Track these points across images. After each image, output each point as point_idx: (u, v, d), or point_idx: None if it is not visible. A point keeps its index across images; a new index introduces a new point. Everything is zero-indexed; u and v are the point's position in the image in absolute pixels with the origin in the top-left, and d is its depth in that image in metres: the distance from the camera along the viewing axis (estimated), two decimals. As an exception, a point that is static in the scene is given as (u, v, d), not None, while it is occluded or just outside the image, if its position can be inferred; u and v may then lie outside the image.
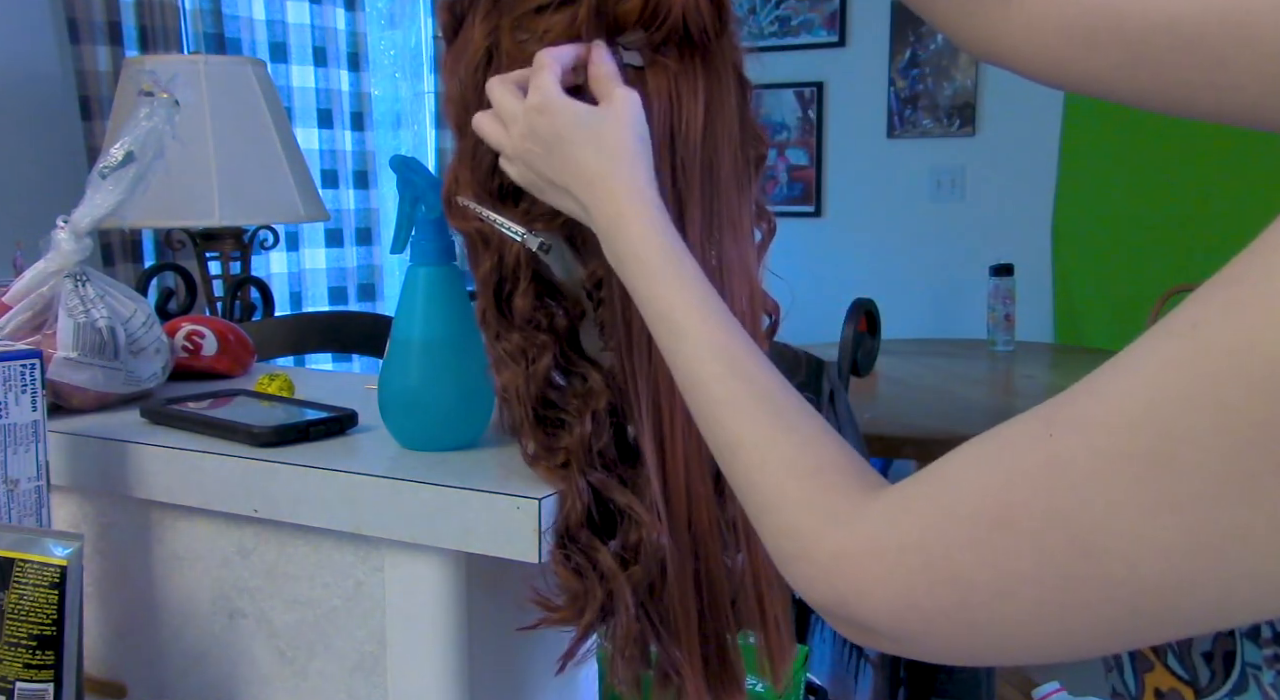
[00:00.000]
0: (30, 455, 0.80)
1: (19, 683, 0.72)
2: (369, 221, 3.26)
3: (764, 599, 0.75)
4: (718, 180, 0.69)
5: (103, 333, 0.91)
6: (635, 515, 0.70)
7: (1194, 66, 0.55)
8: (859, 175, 3.69)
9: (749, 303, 0.71)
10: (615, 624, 0.71)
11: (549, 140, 0.64)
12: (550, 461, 0.72)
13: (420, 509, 0.72)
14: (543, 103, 0.64)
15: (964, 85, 3.49)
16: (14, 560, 0.73)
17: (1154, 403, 0.38)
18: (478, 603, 0.77)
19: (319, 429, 0.83)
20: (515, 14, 0.69)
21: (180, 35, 2.62)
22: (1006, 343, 2.73)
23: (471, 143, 0.71)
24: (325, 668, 0.83)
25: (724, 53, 0.70)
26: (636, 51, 0.68)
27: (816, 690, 1.01)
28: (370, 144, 3.22)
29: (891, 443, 1.94)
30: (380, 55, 3.48)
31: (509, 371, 0.72)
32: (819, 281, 3.53)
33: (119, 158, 0.88)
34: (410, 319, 0.78)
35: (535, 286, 0.72)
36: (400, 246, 0.78)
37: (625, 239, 0.62)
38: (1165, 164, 3.20)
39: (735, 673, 0.74)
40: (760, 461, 0.53)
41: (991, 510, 0.42)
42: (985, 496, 0.43)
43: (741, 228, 0.71)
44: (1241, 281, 0.38)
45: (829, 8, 3.63)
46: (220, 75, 2.06)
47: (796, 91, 3.70)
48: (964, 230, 3.53)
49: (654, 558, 0.70)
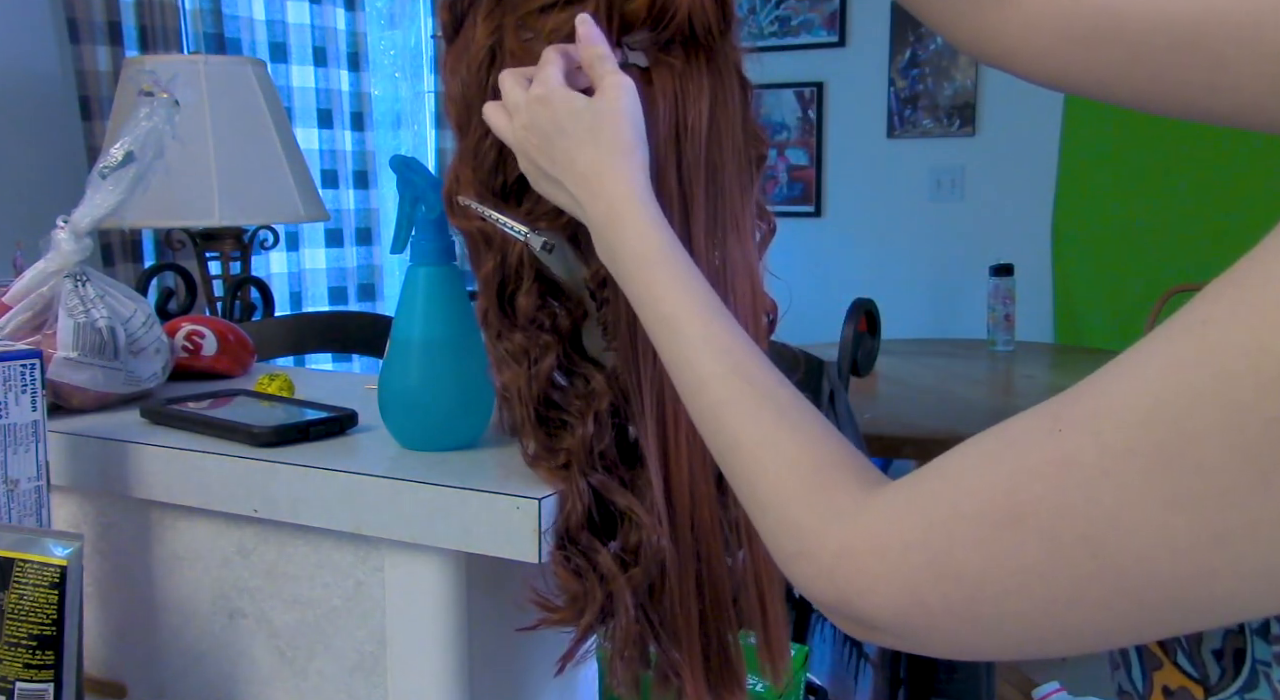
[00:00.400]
0: (30, 455, 0.80)
1: (19, 683, 0.72)
2: (369, 221, 3.26)
3: (765, 597, 0.75)
4: (722, 180, 0.69)
5: (103, 333, 0.91)
6: (636, 517, 0.70)
7: (1192, 67, 0.55)
8: (859, 175, 3.69)
9: (751, 302, 0.71)
10: (614, 626, 0.71)
11: (548, 132, 0.64)
12: (551, 462, 0.72)
13: (420, 509, 0.72)
14: (544, 94, 0.64)
15: (964, 85, 3.49)
16: (14, 560, 0.73)
17: (1164, 399, 0.38)
18: (478, 603, 0.77)
19: (319, 429, 0.83)
20: (519, 13, 0.68)
21: (180, 35, 2.62)
22: (1006, 343, 2.73)
23: (474, 142, 0.71)
24: (325, 668, 0.83)
25: (726, 53, 0.70)
26: (642, 52, 0.67)
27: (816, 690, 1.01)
28: (370, 144, 3.22)
29: (891, 443, 1.94)
30: (380, 55, 3.48)
31: (511, 372, 0.72)
32: (819, 281, 3.53)
33: (119, 158, 0.88)
34: (410, 319, 0.78)
35: (539, 286, 0.71)
36: (400, 246, 0.78)
37: (619, 237, 0.61)
38: (1165, 164, 3.20)
39: (736, 672, 0.74)
40: (761, 460, 0.53)
41: (999, 507, 0.42)
42: (992, 493, 0.43)
43: (744, 227, 0.71)
44: (1251, 280, 0.38)
45: (829, 8, 3.63)
46: (220, 75, 2.06)
47: (796, 91, 3.70)
48: (964, 230, 3.53)
49: (654, 560, 0.70)
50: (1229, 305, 0.38)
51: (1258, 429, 0.36)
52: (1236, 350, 0.37)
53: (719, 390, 0.56)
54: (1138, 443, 0.39)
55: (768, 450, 0.53)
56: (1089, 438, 0.40)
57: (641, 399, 0.69)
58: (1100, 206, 3.36)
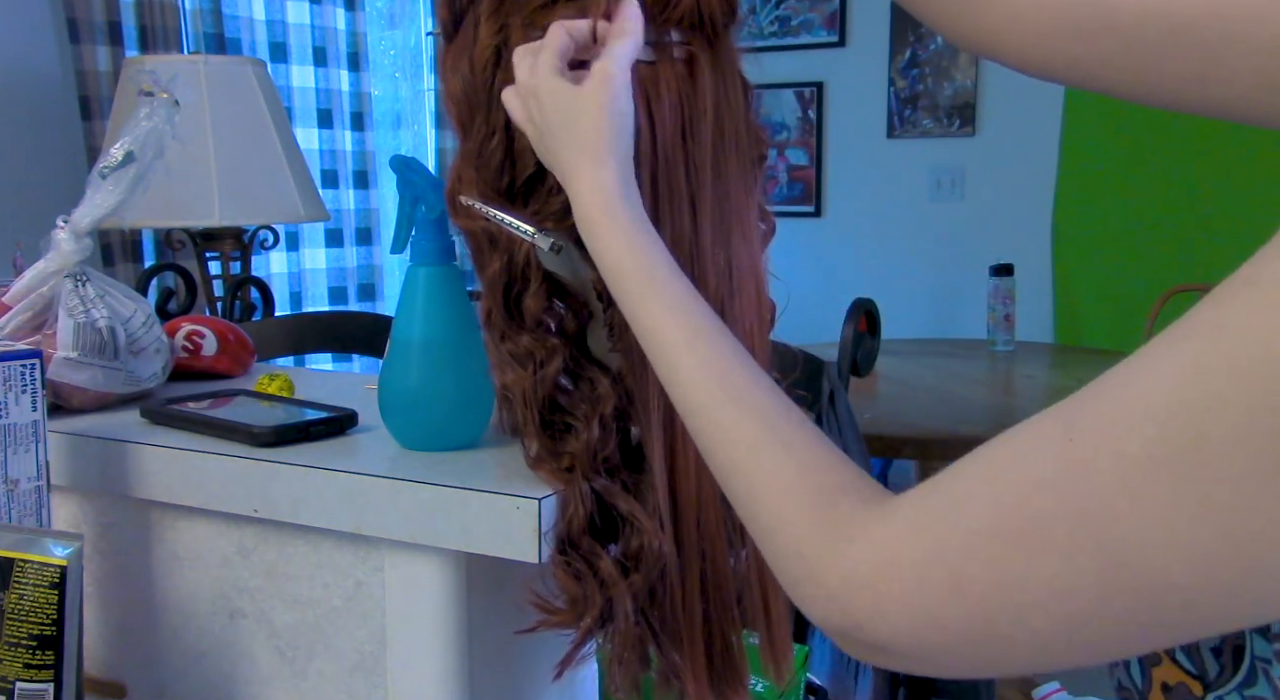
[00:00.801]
0: (30, 455, 0.79)
1: (19, 683, 0.72)
2: (369, 221, 3.26)
3: (769, 596, 0.75)
4: (726, 180, 0.69)
5: (103, 333, 0.91)
6: (637, 522, 0.70)
7: (1183, 59, 0.55)
8: (859, 175, 3.69)
9: (756, 302, 0.71)
10: (614, 629, 0.71)
11: (540, 126, 0.63)
12: (554, 465, 0.71)
13: (420, 509, 0.72)
14: (534, 86, 0.63)
15: (964, 85, 3.49)
16: (14, 560, 0.73)
17: (1180, 404, 0.38)
18: (478, 603, 0.77)
19: (319, 429, 0.83)
20: (525, 11, 0.68)
21: (180, 35, 2.62)
22: (1006, 343, 2.73)
23: (478, 142, 0.70)
24: (325, 668, 0.83)
25: (729, 51, 0.69)
26: (649, 45, 0.67)
27: (816, 690, 1.01)
28: (370, 144, 3.23)
29: (891, 443, 1.94)
30: (380, 55, 3.48)
31: (515, 374, 0.71)
32: (819, 281, 3.54)
33: (119, 158, 0.88)
34: (410, 319, 0.78)
35: (546, 287, 0.70)
36: (400, 246, 0.78)
37: (598, 247, 0.60)
38: (1165, 164, 3.20)
39: (739, 673, 0.74)
40: (761, 485, 0.52)
41: (1011, 521, 0.41)
42: (1003, 506, 0.42)
43: (748, 227, 0.71)
44: (1265, 279, 0.37)
45: (829, 8, 3.63)
46: (220, 75, 2.06)
47: (796, 91, 3.70)
48: (964, 230, 3.53)
49: (654, 565, 0.69)
50: (1245, 306, 0.37)
51: (1277, 433, 0.35)
52: (1256, 352, 0.36)
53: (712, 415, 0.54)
54: (1155, 449, 0.38)
55: (766, 475, 0.52)
56: (1103, 444, 0.39)
57: (647, 400, 0.69)
58: (1100, 206, 3.36)
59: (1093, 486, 0.39)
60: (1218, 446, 0.36)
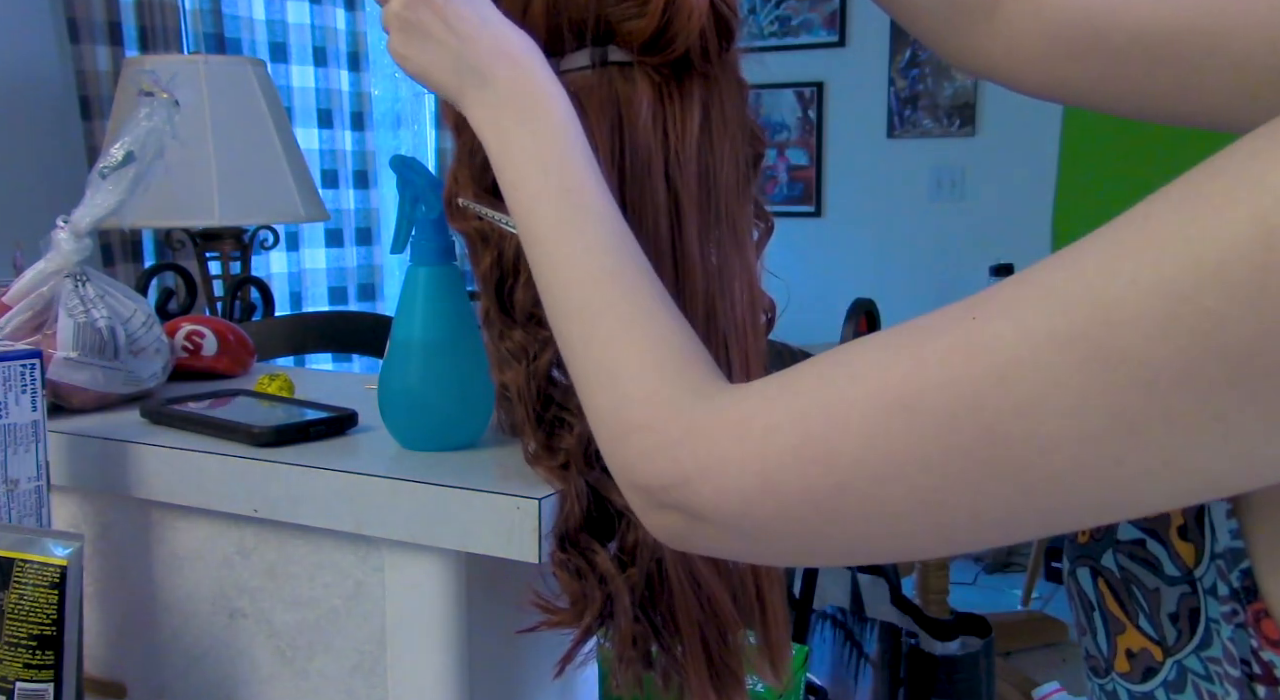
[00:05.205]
0: (30, 455, 0.80)
1: (19, 683, 0.72)
2: (369, 221, 3.26)
3: (764, 595, 0.75)
4: (716, 184, 0.69)
5: (103, 333, 0.91)
6: (632, 516, 0.70)
7: (1168, 73, 0.57)
8: (859, 175, 3.69)
9: (748, 303, 0.71)
10: (614, 627, 0.71)
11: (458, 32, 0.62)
12: (550, 461, 0.71)
13: (420, 509, 0.72)
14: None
15: (964, 85, 3.49)
16: (14, 560, 0.73)
17: (1096, 287, 0.37)
18: (478, 603, 0.77)
19: (319, 429, 0.83)
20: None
21: (180, 35, 2.62)
22: (1006, 343, 2.73)
23: (468, 139, 0.71)
24: (325, 668, 0.83)
25: (724, 62, 0.69)
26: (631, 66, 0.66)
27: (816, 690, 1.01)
28: (370, 144, 3.23)
29: (891, 443, 1.94)
30: (380, 55, 3.47)
31: (512, 370, 0.72)
32: (819, 281, 3.54)
33: (119, 158, 0.88)
34: (410, 319, 0.78)
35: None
36: (400, 246, 0.78)
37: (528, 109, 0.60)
38: (1165, 164, 3.18)
39: (737, 672, 0.74)
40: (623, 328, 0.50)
41: (891, 391, 0.40)
42: (886, 377, 0.40)
43: (741, 228, 0.71)
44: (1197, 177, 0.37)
45: (829, 8, 3.63)
46: (220, 75, 2.06)
47: (796, 91, 3.70)
48: (964, 230, 3.53)
49: (650, 559, 0.70)
50: (1174, 200, 0.37)
51: (1192, 320, 0.35)
52: (1177, 239, 0.36)
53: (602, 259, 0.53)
54: (1062, 328, 0.37)
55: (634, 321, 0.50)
56: (1007, 322, 0.38)
57: None
58: (1100, 206, 3.36)
59: (989, 363, 0.38)
60: (1128, 330, 0.36)
